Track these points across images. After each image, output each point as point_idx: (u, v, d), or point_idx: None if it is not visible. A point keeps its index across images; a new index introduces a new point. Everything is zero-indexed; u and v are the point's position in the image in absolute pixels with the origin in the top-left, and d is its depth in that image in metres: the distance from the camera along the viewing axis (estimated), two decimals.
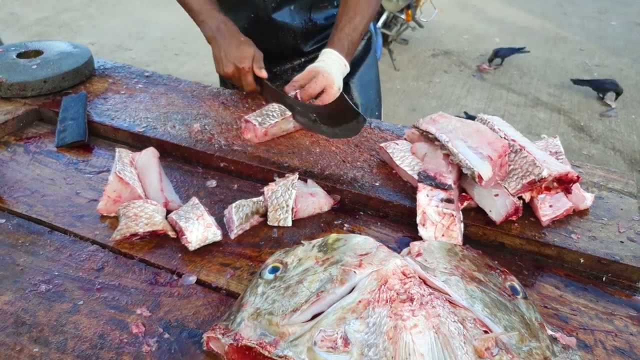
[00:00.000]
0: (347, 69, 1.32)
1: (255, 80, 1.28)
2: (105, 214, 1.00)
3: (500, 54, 5.08)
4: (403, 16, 5.00)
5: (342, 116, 1.13)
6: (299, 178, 1.03)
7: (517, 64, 5.25)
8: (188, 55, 5.39)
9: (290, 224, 0.98)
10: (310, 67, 1.29)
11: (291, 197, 0.97)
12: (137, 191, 0.99)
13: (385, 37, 5.09)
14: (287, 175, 1.02)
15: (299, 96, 1.23)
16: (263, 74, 1.26)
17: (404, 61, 5.27)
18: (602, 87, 4.49)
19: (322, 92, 1.24)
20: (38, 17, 6.27)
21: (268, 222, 0.99)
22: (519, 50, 5.15)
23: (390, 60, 5.10)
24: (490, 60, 5.11)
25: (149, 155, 1.07)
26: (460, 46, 5.69)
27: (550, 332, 0.74)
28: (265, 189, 1.00)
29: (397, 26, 5.25)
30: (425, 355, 0.58)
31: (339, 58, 1.28)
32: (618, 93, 4.40)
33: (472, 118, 3.84)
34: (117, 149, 1.07)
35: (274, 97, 1.28)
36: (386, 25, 5.11)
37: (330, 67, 1.26)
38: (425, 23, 5.49)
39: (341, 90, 1.28)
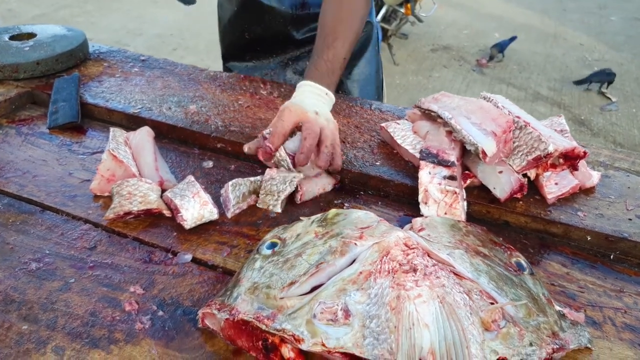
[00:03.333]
0: (331, 99, 1.09)
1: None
2: (98, 194, 0.97)
3: (500, 49, 5.07)
4: (402, 10, 4.98)
5: None
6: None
7: (517, 59, 5.23)
8: (186, 50, 5.36)
9: (279, 210, 0.94)
10: (283, 108, 1.05)
11: (285, 191, 0.93)
12: (131, 170, 0.96)
13: (384, 32, 5.07)
14: (293, 170, 0.98)
15: (298, 160, 0.98)
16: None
17: (403, 56, 5.25)
18: (600, 80, 4.48)
19: (299, 127, 1.02)
20: (36, 13, 6.23)
21: (257, 204, 0.95)
22: (512, 40, 5.15)
23: (390, 54, 5.07)
24: (492, 58, 5.09)
25: (144, 134, 1.05)
26: (460, 41, 5.67)
27: (558, 308, 0.71)
28: (268, 171, 0.96)
29: (397, 20, 5.23)
30: (430, 325, 0.55)
31: (315, 88, 1.08)
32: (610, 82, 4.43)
33: None
34: (111, 128, 1.04)
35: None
36: (385, 19, 5.09)
37: (300, 100, 1.05)
38: (425, 18, 5.46)
39: (333, 121, 1.05)
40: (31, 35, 1.42)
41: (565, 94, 4.56)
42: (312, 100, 1.05)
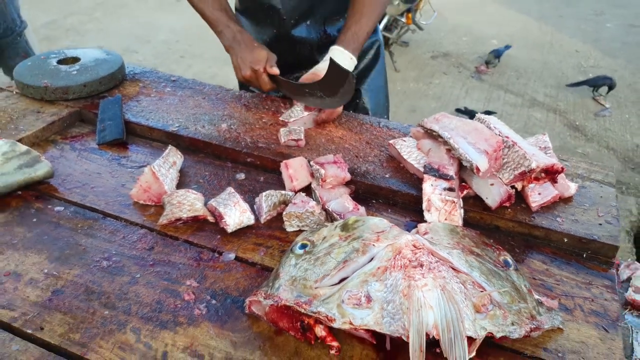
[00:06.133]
0: (354, 62, 1.44)
1: (270, 78, 1.44)
2: (135, 200, 1.13)
3: (496, 54, 5.26)
4: (403, 19, 5.15)
5: (336, 81, 1.32)
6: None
7: (515, 65, 5.40)
8: (193, 57, 5.52)
9: (291, 230, 1.07)
10: (314, 68, 1.44)
11: (307, 228, 1.05)
12: (163, 187, 1.11)
13: (386, 40, 5.24)
14: (326, 224, 1.03)
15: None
16: (275, 71, 1.42)
17: (404, 63, 5.42)
18: (596, 84, 4.66)
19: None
20: (45, 20, 6.39)
21: (283, 214, 1.06)
22: (506, 48, 5.35)
23: (391, 62, 5.24)
24: (488, 62, 5.27)
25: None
26: (459, 48, 5.84)
27: (536, 297, 0.88)
28: (312, 204, 1.05)
29: (398, 29, 5.40)
30: (435, 307, 0.72)
31: (344, 53, 1.42)
32: (610, 87, 4.60)
33: (467, 112, 3.96)
34: (169, 146, 1.23)
35: (288, 90, 1.44)
36: (387, 28, 5.26)
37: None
38: (425, 25, 5.64)
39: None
40: (76, 60, 1.59)
41: (560, 100, 4.73)
42: (340, 62, 1.34)
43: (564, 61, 5.58)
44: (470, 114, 4.16)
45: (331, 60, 1.29)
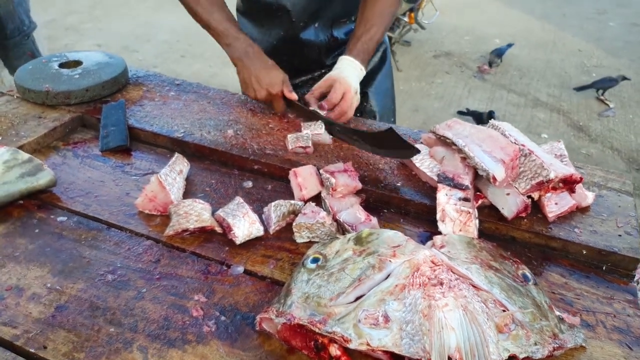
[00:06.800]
0: (363, 73, 1.43)
1: (285, 102, 1.42)
2: (140, 209, 1.10)
3: (498, 54, 5.22)
4: (406, 19, 5.12)
5: (394, 146, 1.20)
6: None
7: (517, 64, 5.36)
8: (194, 57, 5.48)
9: (301, 241, 1.04)
10: (327, 76, 1.42)
11: (318, 241, 1.02)
12: (170, 197, 1.08)
13: (388, 39, 5.21)
14: (338, 236, 1.02)
15: (324, 105, 1.35)
16: (293, 96, 1.39)
17: (406, 62, 5.38)
18: (603, 86, 4.62)
19: (341, 98, 1.36)
20: (45, 19, 6.33)
21: (293, 225, 1.03)
22: (509, 46, 5.31)
23: (393, 61, 5.20)
24: (491, 63, 5.23)
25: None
26: (462, 47, 5.80)
27: (557, 313, 0.85)
28: (323, 214, 1.02)
29: (400, 28, 5.37)
30: (456, 328, 0.69)
31: (354, 63, 1.41)
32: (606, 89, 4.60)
33: (470, 113, 3.87)
34: (176, 154, 1.19)
35: (305, 116, 1.40)
36: (389, 27, 5.23)
37: (346, 74, 1.38)
38: (427, 25, 5.60)
39: (358, 92, 1.39)
40: (78, 63, 1.55)
41: (564, 100, 4.70)
42: (352, 75, 1.39)
43: (567, 60, 5.54)
44: (473, 115, 4.12)
45: (393, 131, 1.17)
